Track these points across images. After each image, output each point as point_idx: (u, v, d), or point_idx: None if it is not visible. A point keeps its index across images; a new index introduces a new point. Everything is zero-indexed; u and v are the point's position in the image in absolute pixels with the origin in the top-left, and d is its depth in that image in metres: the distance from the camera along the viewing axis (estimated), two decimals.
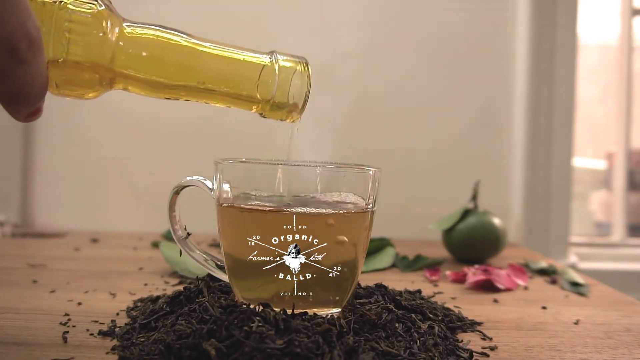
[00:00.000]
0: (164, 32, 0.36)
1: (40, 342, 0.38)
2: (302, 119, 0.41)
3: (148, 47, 0.35)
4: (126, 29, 0.35)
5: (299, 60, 0.39)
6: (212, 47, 0.37)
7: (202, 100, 0.38)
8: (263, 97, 0.38)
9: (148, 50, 0.35)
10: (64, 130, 0.97)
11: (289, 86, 0.38)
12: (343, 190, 0.40)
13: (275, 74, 0.38)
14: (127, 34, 0.35)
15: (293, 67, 0.38)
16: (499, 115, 1.01)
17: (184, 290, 0.43)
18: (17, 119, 0.32)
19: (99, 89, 0.35)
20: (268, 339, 0.31)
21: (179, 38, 0.36)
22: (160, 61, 0.35)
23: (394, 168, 0.97)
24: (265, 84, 0.38)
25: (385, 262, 0.69)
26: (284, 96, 0.38)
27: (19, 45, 0.29)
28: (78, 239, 0.84)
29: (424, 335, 0.38)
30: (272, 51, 0.39)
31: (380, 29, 0.99)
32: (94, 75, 0.34)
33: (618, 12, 1.24)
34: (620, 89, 1.22)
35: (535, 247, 0.98)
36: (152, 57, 0.35)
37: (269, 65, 0.38)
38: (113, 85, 0.36)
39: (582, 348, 0.41)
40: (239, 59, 0.37)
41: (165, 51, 0.35)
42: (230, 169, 0.40)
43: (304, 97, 0.39)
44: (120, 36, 0.34)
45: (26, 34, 0.29)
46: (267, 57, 0.38)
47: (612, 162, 1.29)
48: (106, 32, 0.34)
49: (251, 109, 0.39)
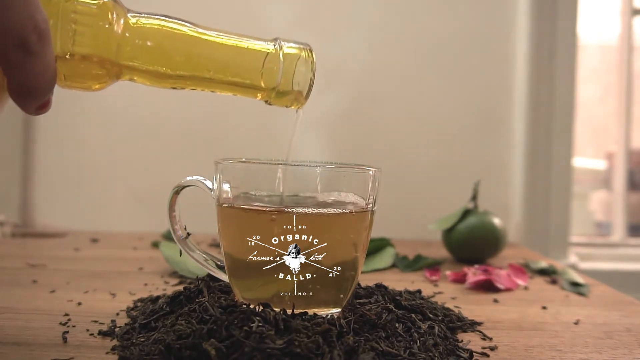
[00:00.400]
0: (168, 21, 0.36)
1: (40, 342, 0.38)
2: (301, 119, 0.41)
3: (153, 37, 0.35)
4: (131, 19, 0.35)
5: (303, 46, 0.39)
6: (216, 36, 0.37)
7: (207, 89, 0.38)
8: (268, 84, 0.38)
9: (153, 41, 0.35)
10: (64, 130, 0.97)
11: (293, 73, 0.38)
12: (343, 190, 0.40)
13: (280, 61, 0.38)
14: (133, 24, 0.35)
15: (297, 54, 0.38)
16: (499, 115, 1.01)
17: (184, 290, 0.43)
18: (28, 112, 0.32)
19: (105, 80, 0.35)
20: (268, 339, 0.31)
21: (184, 27, 0.36)
22: (166, 51, 0.36)
23: (394, 168, 0.97)
24: (269, 71, 0.38)
25: (385, 262, 0.69)
26: (289, 83, 0.38)
27: (30, 37, 0.29)
28: (78, 239, 0.84)
29: (424, 335, 0.38)
30: (276, 38, 0.39)
31: (381, 29, 0.99)
32: (101, 66, 0.34)
33: (618, 12, 1.24)
34: (620, 89, 1.22)
35: (535, 247, 0.98)
36: (157, 47, 0.35)
37: (273, 52, 0.38)
38: (120, 76, 0.36)
39: (582, 348, 0.41)
40: (244, 47, 0.37)
41: (170, 41, 0.36)
42: (230, 169, 0.40)
43: (308, 83, 0.39)
44: (125, 27, 0.34)
45: (36, 26, 0.29)
46: (271, 44, 0.38)
47: (612, 162, 1.29)
48: (112, 24, 0.34)
49: (256, 97, 0.39)
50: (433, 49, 1.00)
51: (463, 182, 0.85)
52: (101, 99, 0.97)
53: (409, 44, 1.00)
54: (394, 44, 0.99)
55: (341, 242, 0.39)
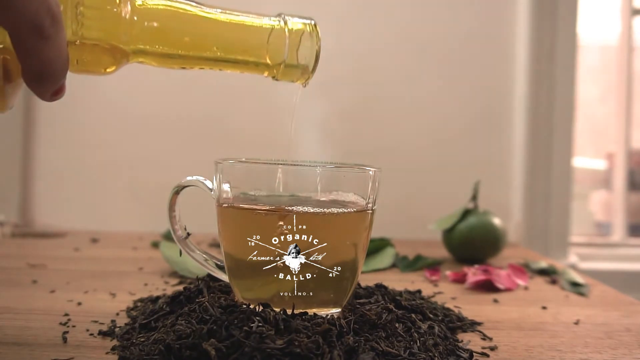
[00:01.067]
0: (174, 1, 0.36)
1: (40, 342, 0.38)
2: (302, 120, 0.41)
3: (160, 18, 0.35)
4: (137, 1, 0.35)
5: (308, 21, 0.39)
6: (221, 13, 0.37)
7: (215, 68, 0.38)
8: (274, 60, 0.38)
9: (160, 21, 0.35)
10: (64, 130, 0.97)
11: (298, 47, 0.38)
12: (343, 190, 0.40)
13: (285, 36, 0.38)
14: (138, 6, 0.35)
15: (302, 29, 0.39)
16: (499, 116, 1.01)
17: (184, 290, 0.43)
18: (43, 98, 0.32)
19: (116, 62, 0.35)
20: (268, 339, 0.31)
21: (189, 7, 0.36)
22: (172, 31, 0.36)
23: (394, 168, 0.97)
24: (275, 47, 0.38)
25: (385, 262, 0.69)
26: (294, 57, 0.39)
27: (44, 22, 0.28)
28: (78, 239, 0.84)
29: (424, 335, 0.38)
30: (280, 13, 0.39)
31: (381, 29, 0.99)
32: (110, 49, 0.34)
33: (618, 12, 1.24)
34: (620, 89, 1.22)
35: (535, 247, 0.98)
36: (164, 29, 0.36)
37: (278, 28, 0.38)
38: (129, 58, 0.36)
39: (582, 348, 0.41)
40: (249, 24, 0.38)
41: (177, 21, 0.36)
42: (230, 169, 0.40)
43: (314, 56, 0.39)
44: (132, 10, 0.35)
45: (49, 9, 0.29)
46: (275, 20, 0.38)
47: (612, 162, 1.29)
48: (119, 7, 0.34)
49: (264, 73, 0.39)
50: (433, 48, 1.00)
51: (463, 182, 0.85)
52: (102, 100, 0.97)
53: (409, 44, 1.00)
54: (394, 44, 0.99)
55: (341, 242, 0.39)
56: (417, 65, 1.00)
